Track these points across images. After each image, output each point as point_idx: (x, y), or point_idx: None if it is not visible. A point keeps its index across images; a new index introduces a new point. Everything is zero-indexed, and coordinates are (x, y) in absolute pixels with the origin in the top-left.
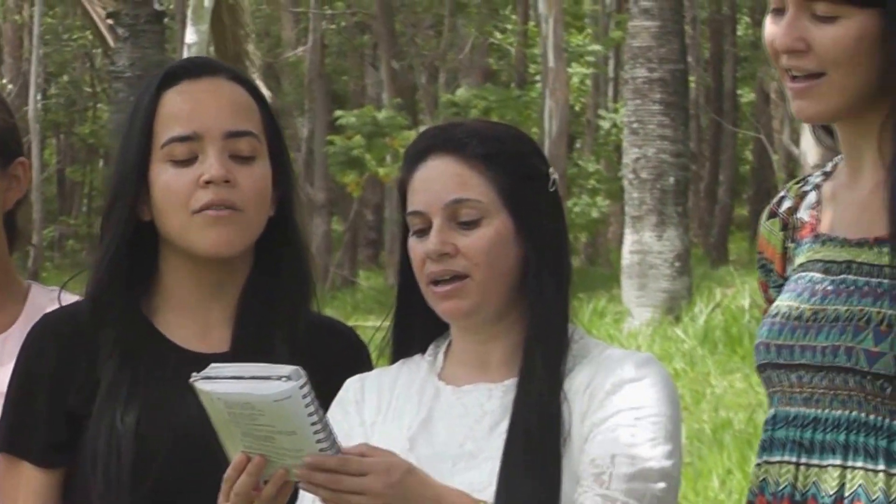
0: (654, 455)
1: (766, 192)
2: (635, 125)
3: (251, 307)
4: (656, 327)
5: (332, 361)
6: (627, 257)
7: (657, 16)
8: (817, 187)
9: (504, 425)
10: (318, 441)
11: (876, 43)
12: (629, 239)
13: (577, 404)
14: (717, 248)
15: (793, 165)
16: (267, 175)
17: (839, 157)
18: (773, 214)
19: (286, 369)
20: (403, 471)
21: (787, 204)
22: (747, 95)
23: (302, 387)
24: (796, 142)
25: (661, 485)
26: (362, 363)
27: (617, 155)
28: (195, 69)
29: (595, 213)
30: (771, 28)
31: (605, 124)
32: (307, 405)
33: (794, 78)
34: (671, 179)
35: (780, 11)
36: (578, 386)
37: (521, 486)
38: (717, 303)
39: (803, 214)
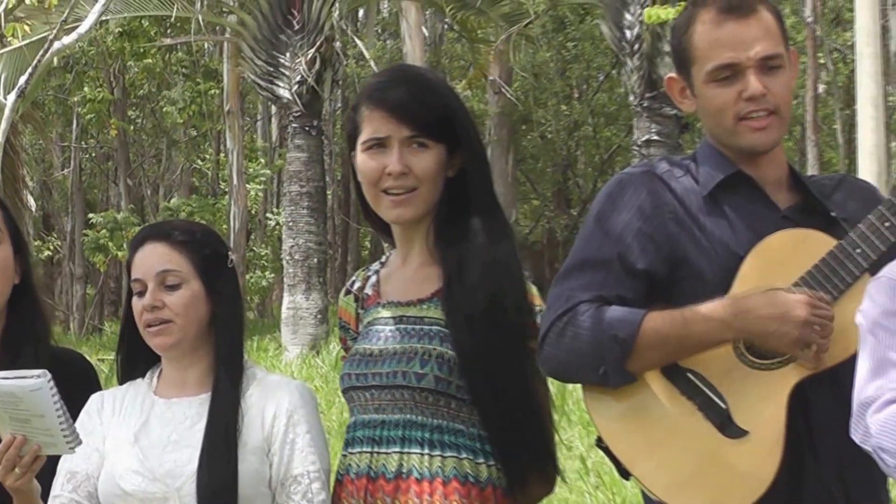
0: (323, 461)
1: None
2: (290, 223)
3: (6, 343)
4: (304, 359)
5: (70, 375)
6: (285, 312)
7: (306, 150)
8: (377, 272)
9: (200, 425)
10: (61, 423)
11: (443, 166)
12: (286, 300)
13: (256, 416)
14: None
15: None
16: (7, 255)
17: (391, 251)
18: (348, 292)
19: (37, 371)
20: None
21: (357, 285)
22: None
23: (49, 381)
24: None
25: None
26: (89, 376)
27: (279, 243)
28: None
29: (264, 283)
30: (375, 161)
31: (272, 223)
32: (53, 395)
33: (395, 195)
34: (315, 260)
35: (381, 147)
36: (256, 402)
37: (213, 466)
38: None
39: (368, 290)
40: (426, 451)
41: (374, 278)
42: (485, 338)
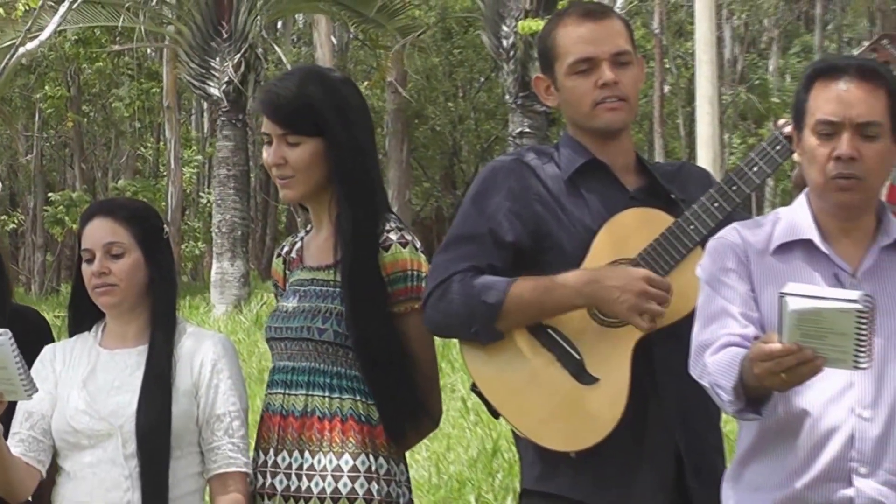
0: (242, 402)
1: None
2: (219, 201)
3: None
4: (229, 316)
5: (29, 328)
6: (214, 276)
7: (232, 139)
8: (302, 239)
9: (138, 373)
10: (20, 375)
11: (323, 155)
12: (215, 266)
13: (186, 364)
14: (265, 270)
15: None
16: None
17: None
18: (279, 255)
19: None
20: None
21: (286, 249)
22: None
23: (10, 339)
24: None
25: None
26: (44, 330)
27: (209, 218)
28: None
29: (196, 251)
30: (265, 153)
31: (203, 200)
32: (13, 350)
33: (280, 180)
34: (239, 232)
35: (269, 143)
36: (186, 352)
37: (150, 408)
38: (264, 301)
39: (293, 254)
40: (327, 394)
41: (299, 244)
42: (355, 301)
